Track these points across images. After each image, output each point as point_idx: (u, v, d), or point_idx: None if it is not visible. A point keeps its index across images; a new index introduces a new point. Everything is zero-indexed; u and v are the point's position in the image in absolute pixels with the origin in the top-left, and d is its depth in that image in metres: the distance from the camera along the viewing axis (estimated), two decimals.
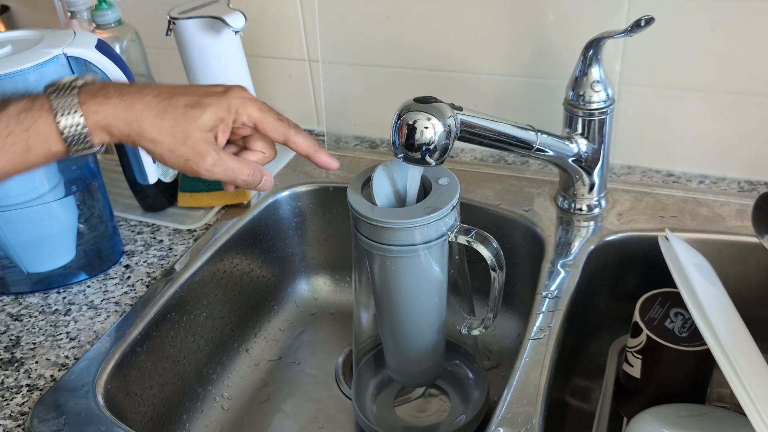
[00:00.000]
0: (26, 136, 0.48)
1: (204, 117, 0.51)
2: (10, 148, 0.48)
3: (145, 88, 0.51)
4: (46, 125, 0.49)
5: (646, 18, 0.60)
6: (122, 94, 0.50)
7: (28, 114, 0.48)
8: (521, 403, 0.54)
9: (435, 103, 0.54)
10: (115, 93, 0.50)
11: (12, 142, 0.48)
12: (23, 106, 0.49)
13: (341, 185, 0.83)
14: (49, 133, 0.49)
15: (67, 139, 0.49)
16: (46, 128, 0.49)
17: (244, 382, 0.78)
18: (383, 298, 0.62)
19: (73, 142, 0.49)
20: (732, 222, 0.71)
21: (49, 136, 0.49)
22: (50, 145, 0.49)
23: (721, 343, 0.51)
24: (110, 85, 0.52)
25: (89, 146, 0.50)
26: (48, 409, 0.57)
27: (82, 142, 0.50)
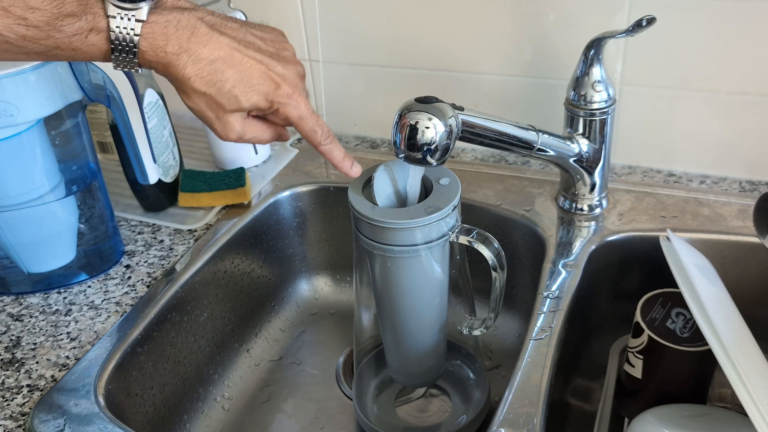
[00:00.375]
0: (73, 54, 0.47)
1: (242, 104, 0.51)
2: (54, 55, 0.47)
3: (205, 45, 0.49)
4: (98, 52, 0.47)
5: (647, 18, 0.60)
6: (180, 51, 0.48)
7: (83, 40, 0.46)
8: (522, 404, 0.54)
9: (436, 103, 0.54)
10: (174, 47, 0.48)
11: (57, 54, 0.47)
12: (79, 29, 0.46)
13: (342, 185, 0.83)
14: (97, 55, 0.48)
15: (115, 62, 0.48)
16: (97, 53, 0.47)
17: (245, 383, 0.78)
18: (384, 299, 0.62)
19: (119, 62, 0.48)
20: (733, 222, 0.71)
21: (96, 57, 0.48)
22: (94, 59, 0.48)
23: (722, 344, 0.51)
24: (172, 31, 0.48)
25: (133, 66, 0.49)
26: (48, 409, 0.57)
27: (127, 64, 0.48)
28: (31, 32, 0.45)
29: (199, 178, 0.82)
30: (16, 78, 0.61)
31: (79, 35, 0.46)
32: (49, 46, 0.46)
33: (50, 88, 0.63)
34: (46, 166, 0.68)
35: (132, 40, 0.47)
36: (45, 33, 0.45)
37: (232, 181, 0.82)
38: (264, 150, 0.90)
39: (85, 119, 0.71)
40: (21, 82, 0.61)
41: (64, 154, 0.70)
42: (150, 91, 0.78)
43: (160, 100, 0.80)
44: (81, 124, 0.70)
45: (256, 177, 0.86)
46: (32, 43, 0.45)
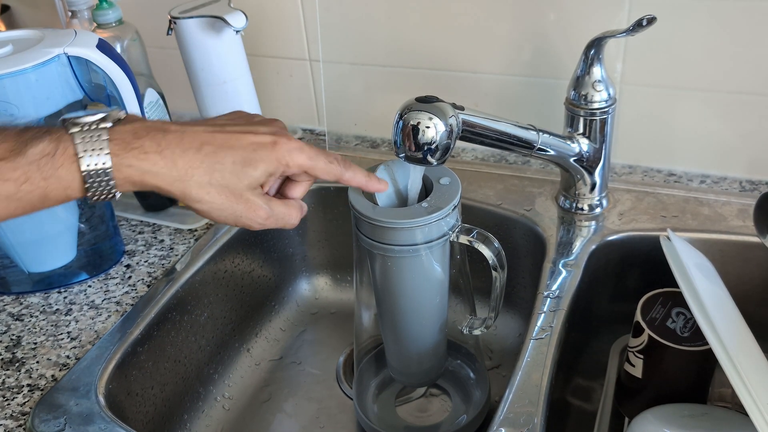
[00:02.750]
0: (45, 184, 0.43)
1: (255, 175, 0.48)
2: (25, 197, 0.43)
3: (183, 136, 0.47)
4: (69, 174, 0.44)
5: (647, 17, 0.60)
6: (161, 148, 0.45)
7: (51, 161, 0.43)
8: (523, 403, 0.54)
9: (436, 103, 0.54)
10: (151, 145, 0.45)
11: (28, 190, 0.43)
12: (44, 150, 0.43)
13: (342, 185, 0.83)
14: (71, 182, 0.44)
15: (90, 189, 0.44)
16: (69, 177, 0.44)
17: (245, 382, 0.78)
18: (384, 298, 0.62)
19: (96, 192, 0.45)
20: (733, 222, 0.71)
21: (70, 184, 0.44)
22: (69, 192, 0.45)
23: (722, 343, 0.51)
24: (143, 132, 0.46)
25: (111, 196, 0.46)
26: (49, 409, 0.57)
27: (105, 193, 0.45)
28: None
29: None
30: (16, 77, 0.61)
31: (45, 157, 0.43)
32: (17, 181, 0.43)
33: (50, 87, 0.63)
34: None
35: (101, 147, 0.44)
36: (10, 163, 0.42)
37: None
38: None
39: None
40: (21, 82, 0.61)
41: None
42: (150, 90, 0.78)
43: (160, 99, 0.80)
44: None
45: None
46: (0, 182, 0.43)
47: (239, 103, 0.84)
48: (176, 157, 0.46)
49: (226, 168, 0.47)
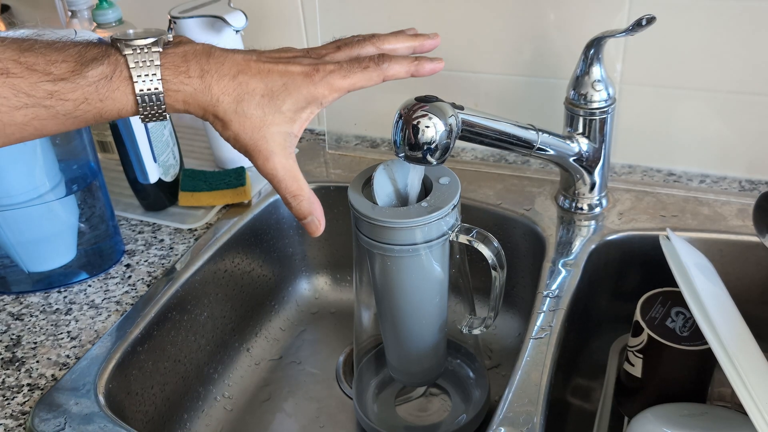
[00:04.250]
0: (101, 105, 0.45)
1: (283, 109, 0.48)
2: (82, 115, 0.45)
3: (224, 62, 0.47)
4: (124, 97, 0.45)
5: (647, 17, 0.60)
6: (203, 73, 0.47)
7: (108, 83, 0.45)
8: (522, 403, 0.54)
9: (436, 102, 0.54)
10: (196, 70, 0.47)
11: (85, 109, 0.45)
12: (103, 73, 0.45)
13: (342, 184, 0.83)
14: (125, 103, 0.46)
15: (142, 111, 0.46)
16: (124, 99, 0.45)
17: (245, 382, 0.78)
18: (384, 298, 0.62)
19: (148, 114, 0.46)
20: (733, 221, 0.71)
21: (125, 106, 0.46)
22: (122, 112, 0.46)
23: (722, 342, 0.51)
24: (191, 57, 0.47)
25: (161, 118, 0.47)
26: (49, 408, 0.57)
27: (156, 115, 0.47)
28: (58, 86, 0.44)
29: (199, 178, 0.82)
30: None
31: (103, 80, 0.45)
32: (76, 101, 0.44)
33: None
34: (47, 166, 0.68)
35: (154, 72, 0.46)
36: (72, 84, 0.44)
37: (232, 180, 0.82)
38: None
39: None
40: None
41: (64, 154, 0.70)
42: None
43: None
44: None
45: (257, 176, 0.86)
46: (59, 101, 0.44)
47: None
48: (213, 82, 0.47)
49: (254, 99, 0.47)
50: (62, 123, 0.45)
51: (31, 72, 0.43)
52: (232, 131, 0.48)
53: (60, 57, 0.44)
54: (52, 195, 0.68)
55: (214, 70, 0.47)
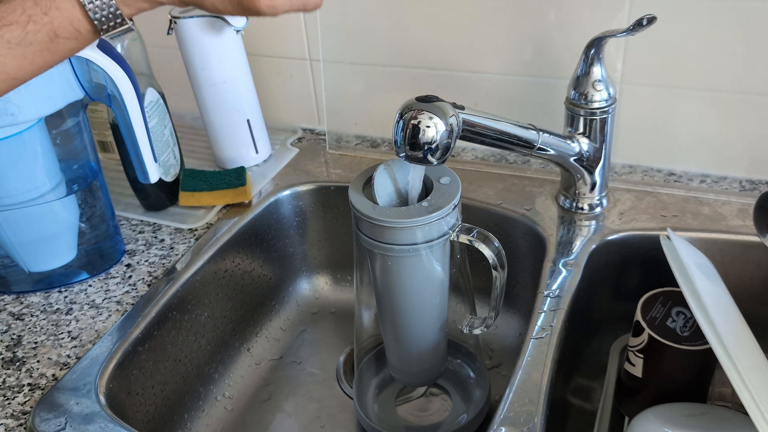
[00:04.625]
0: (48, 20, 0.42)
1: None
2: (34, 37, 0.42)
3: None
4: (67, 2, 0.43)
5: (648, 17, 0.60)
6: None
7: None
8: (523, 403, 0.54)
9: (437, 102, 0.54)
10: None
11: (34, 30, 0.42)
12: None
13: (342, 184, 0.83)
14: (71, 10, 0.43)
15: (94, 14, 0.43)
16: (68, 6, 0.43)
17: (246, 381, 0.78)
18: (385, 298, 0.62)
19: (102, 18, 0.43)
20: (733, 221, 0.71)
21: (72, 14, 0.43)
22: (77, 25, 0.43)
23: (722, 342, 0.51)
24: None
25: (121, 21, 0.44)
26: (50, 408, 0.57)
27: (112, 17, 0.44)
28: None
29: (199, 178, 0.82)
30: None
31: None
32: (21, 23, 0.42)
33: (51, 87, 0.63)
34: (47, 165, 0.68)
35: None
36: (8, 6, 0.41)
37: (232, 180, 0.82)
38: (264, 149, 0.90)
39: (86, 118, 0.71)
40: None
41: (64, 153, 0.70)
42: (151, 90, 0.78)
43: (160, 99, 0.80)
44: (82, 123, 0.70)
45: (257, 176, 0.86)
46: (5, 28, 0.42)
47: (239, 102, 0.85)
48: None
49: None
50: (22, 55, 0.43)
51: None
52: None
53: None
54: (53, 195, 0.68)
55: None
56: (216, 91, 0.83)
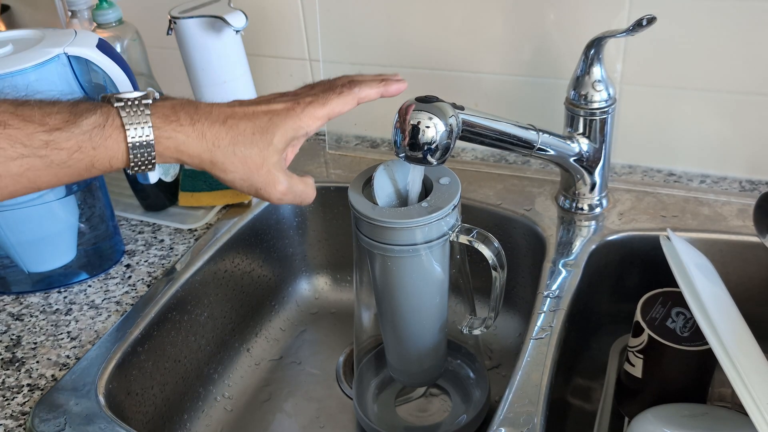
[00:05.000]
0: (93, 153, 0.47)
1: (273, 141, 0.51)
2: (75, 164, 0.46)
3: (212, 110, 0.50)
4: (116, 145, 0.47)
5: (647, 17, 0.60)
6: (193, 121, 0.49)
7: (101, 132, 0.47)
8: (523, 403, 0.54)
9: (436, 103, 0.54)
10: (186, 119, 0.49)
11: (78, 158, 0.46)
12: (96, 122, 0.47)
13: (342, 185, 0.83)
14: (116, 151, 0.47)
15: (133, 159, 0.48)
16: (116, 147, 0.47)
17: (245, 382, 0.78)
18: (384, 298, 0.62)
19: (138, 163, 0.48)
20: (733, 221, 0.71)
21: (116, 154, 0.47)
22: (113, 162, 0.48)
23: (722, 343, 0.51)
24: (179, 107, 0.50)
25: (150, 167, 0.49)
26: (49, 408, 0.57)
27: (145, 164, 0.48)
28: (53, 136, 0.45)
29: (199, 178, 0.82)
30: (16, 77, 0.61)
31: (96, 128, 0.46)
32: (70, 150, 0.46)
33: (50, 87, 0.63)
34: None
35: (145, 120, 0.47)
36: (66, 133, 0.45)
37: None
38: None
39: None
40: (21, 82, 0.61)
41: None
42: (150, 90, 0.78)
43: None
44: None
45: None
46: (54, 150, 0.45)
47: None
48: (205, 129, 0.49)
49: (246, 138, 0.50)
50: (55, 174, 0.47)
51: (28, 123, 0.45)
52: (237, 174, 0.50)
53: (54, 109, 0.46)
54: (52, 195, 0.68)
55: (204, 118, 0.50)
56: (216, 92, 0.83)
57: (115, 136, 0.47)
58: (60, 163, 0.46)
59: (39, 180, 0.46)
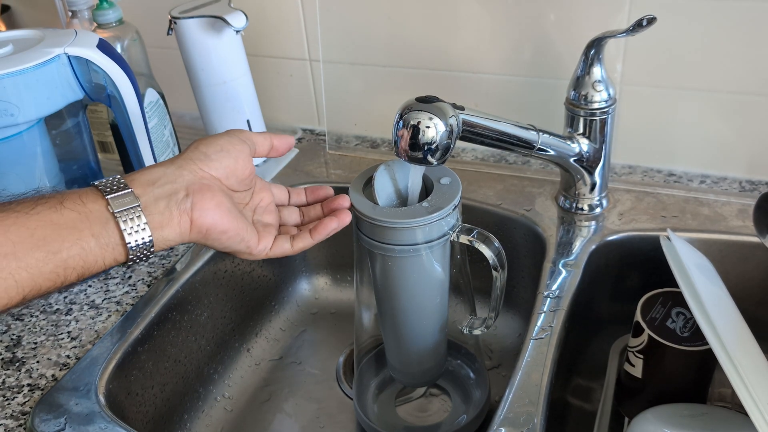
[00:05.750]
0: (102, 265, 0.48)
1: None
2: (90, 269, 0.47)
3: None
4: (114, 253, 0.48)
5: (648, 18, 0.60)
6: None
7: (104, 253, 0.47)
8: (523, 403, 0.54)
9: (437, 103, 0.54)
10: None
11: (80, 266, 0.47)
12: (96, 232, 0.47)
13: (343, 185, 0.83)
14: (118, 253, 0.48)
15: (133, 254, 0.49)
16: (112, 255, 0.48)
17: (246, 382, 0.78)
18: (385, 298, 0.62)
19: (135, 258, 0.49)
20: (733, 222, 0.71)
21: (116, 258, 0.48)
22: (110, 262, 0.48)
23: (722, 343, 0.51)
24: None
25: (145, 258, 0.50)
26: (49, 408, 0.57)
27: (142, 259, 0.50)
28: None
29: None
30: (16, 77, 0.61)
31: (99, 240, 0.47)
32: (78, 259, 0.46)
33: (51, 87, 0.63)
34: (47, 166, 0.68)
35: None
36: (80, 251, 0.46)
37: None
38: None
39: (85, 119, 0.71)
40: (21, 82, 0.61)
41: (64, 154, 0.70)
42: (150, 90, 0.78)
43: (160, 99, 0.80)
44: (82, 123, 0.70)
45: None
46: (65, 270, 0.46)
47: (239, 103, 0.85)
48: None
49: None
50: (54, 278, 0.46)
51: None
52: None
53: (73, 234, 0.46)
54: None
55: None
56: (216, 92, 0.83)
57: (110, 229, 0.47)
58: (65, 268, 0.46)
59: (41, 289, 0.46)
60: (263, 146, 0.56)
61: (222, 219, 0.51)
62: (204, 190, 0.50)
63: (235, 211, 0.52)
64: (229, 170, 0.53)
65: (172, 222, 0.49)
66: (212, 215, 0.50)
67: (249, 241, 0.53)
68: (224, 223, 0.51)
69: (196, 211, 0.50)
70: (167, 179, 0.50)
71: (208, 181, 0.51)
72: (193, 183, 0.50)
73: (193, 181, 0.50)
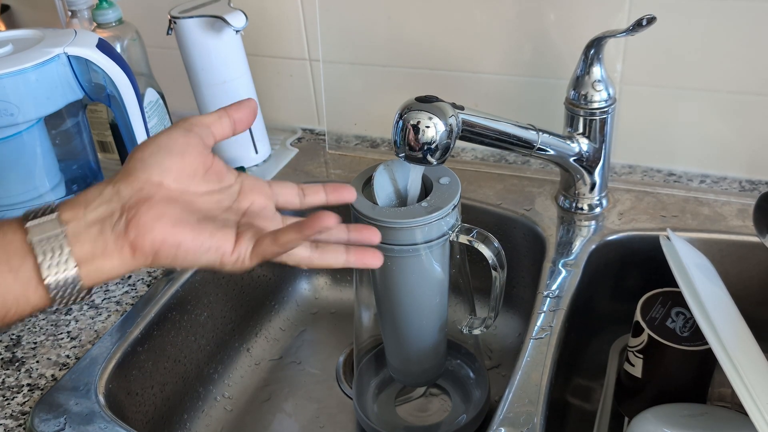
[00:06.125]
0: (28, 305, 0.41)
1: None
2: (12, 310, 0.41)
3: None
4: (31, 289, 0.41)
5: (647, 17, 0.60)
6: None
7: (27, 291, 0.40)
8: (522, 403, 0.54)
9: (436, 103, 0.54)
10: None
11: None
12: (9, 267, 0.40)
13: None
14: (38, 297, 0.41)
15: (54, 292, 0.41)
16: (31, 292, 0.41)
17: (245, 382, 0.78)
18: (384, 298, 0.62)
19: (63, 295, 0.41)
20: (733, 221, 0.71)
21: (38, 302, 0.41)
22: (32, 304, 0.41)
23: (722, 343, 0.51)
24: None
25: (81, 299, 0.42)
26: (49, 408, 0.57)
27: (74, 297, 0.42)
28: None
29: None
30: (16, 77, 0.61)
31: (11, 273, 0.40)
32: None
33: (51, 87, 0.63)
34: (47, 166, 0.68)
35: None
36: None
37: None
38: (264, 149, 0.90)
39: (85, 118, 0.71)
40: (21, 82, 0.61)
41: (64, 154, 0.70)
42: (150, 90, 0.78)
43: (160, 99, 0.80)
44: (81, 123, 0.70)
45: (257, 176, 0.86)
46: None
47: None
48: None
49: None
50: None
51: None
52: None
53: None
54: (52, 195, 0.68)
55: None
56: (216, 92, 0.83)
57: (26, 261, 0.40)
58: None
59: None
60: (220, 126, 0.47)
61: (167, 232, 0.41)
62: (139, 204, 0.41)
63: (190, 218, 0.42)
64: (176, 169, 0.43)
65: (107, 250, 0.40)
66: (153, 232, 0.41)
67: (219, 248, 0.43)
68: (174, 236, 0.41)
69: (131, 231, 0.40)
70: (102, 199, 0.41)
71: (146, 192, 0.42)
72: (129, 198, 0.41)
73: (130, 195, 0.41)
